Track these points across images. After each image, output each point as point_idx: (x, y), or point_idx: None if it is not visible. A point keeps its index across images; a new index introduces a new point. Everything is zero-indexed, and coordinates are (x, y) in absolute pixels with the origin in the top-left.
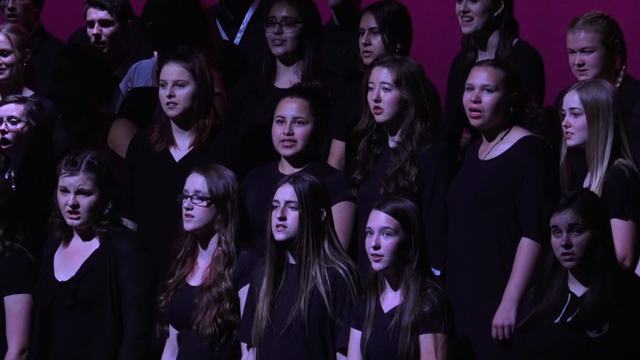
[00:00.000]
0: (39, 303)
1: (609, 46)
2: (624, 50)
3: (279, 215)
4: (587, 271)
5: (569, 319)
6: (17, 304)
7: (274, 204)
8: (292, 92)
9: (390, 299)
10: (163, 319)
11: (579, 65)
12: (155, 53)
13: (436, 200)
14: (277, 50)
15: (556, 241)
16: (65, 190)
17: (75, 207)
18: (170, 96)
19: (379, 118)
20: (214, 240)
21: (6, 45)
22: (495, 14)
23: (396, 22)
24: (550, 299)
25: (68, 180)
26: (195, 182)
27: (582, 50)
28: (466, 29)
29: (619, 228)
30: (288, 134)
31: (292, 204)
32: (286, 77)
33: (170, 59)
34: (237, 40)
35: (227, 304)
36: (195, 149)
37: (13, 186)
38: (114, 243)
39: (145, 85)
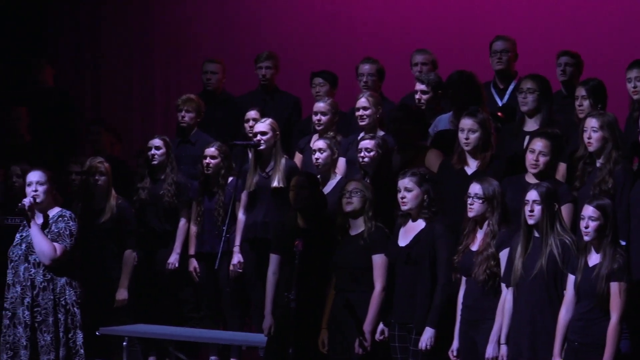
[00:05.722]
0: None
1: None
2: None
3: (529, 209)
4: None
5: None
6: (381, 259)
7: (525, 201)
8: (541, 134)
9: (594, 258)
10: (457, 270)
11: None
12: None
13: (623, 199)
14: (523, 109)
15: None
16: (398, 189)
17: (403, 198)
18: (466, 138)
19: (590, 149)
20: (485, 222)
21: (367, 104)
22: None
23: (598, 92)
24: None
25: (401, 182)
26: (475, 188)
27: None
28: (635, 96)
29: None
30: (535, 160)
31: (537, 201)
32: (530, 124)
33: (466, 115)
34: (505, 100)
35: (492, 262)
36: (480, 169)
37: None
38: (433, 224)
39: (444, 129)
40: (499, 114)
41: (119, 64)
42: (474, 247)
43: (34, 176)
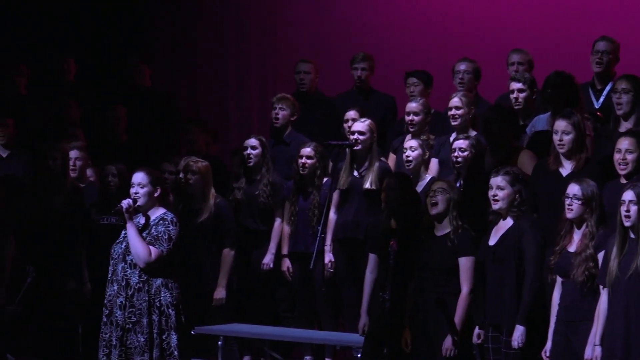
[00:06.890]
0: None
1: None
2: None
3: (625, 209)
4: None
5: None
6: (468, 262)
7: (621, 201)
8: (626, 133)
9: None
10: (553, 271)
11: None
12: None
13: None
14: (619, 112)
15: None
16: (490, 187)
17: (495, 196)
18: (560, 140)
19: None
20: (584, 224)
21: (459, 104)
22: None
23: None
24: None
25: (493, 180)
26: (574, 189)
27: None
28: None
29: None
30: (623, 159)
31: (633, 201)
32: (625, 126)
33: (560, 116)
34: (600, 100)
35: (591, 264)
36: (575, 170)
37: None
38: (519, 222)
39: (542, 129)
40: (599, 113)
41: (215, 64)
42: (571, 248)
43: (136, 177)
